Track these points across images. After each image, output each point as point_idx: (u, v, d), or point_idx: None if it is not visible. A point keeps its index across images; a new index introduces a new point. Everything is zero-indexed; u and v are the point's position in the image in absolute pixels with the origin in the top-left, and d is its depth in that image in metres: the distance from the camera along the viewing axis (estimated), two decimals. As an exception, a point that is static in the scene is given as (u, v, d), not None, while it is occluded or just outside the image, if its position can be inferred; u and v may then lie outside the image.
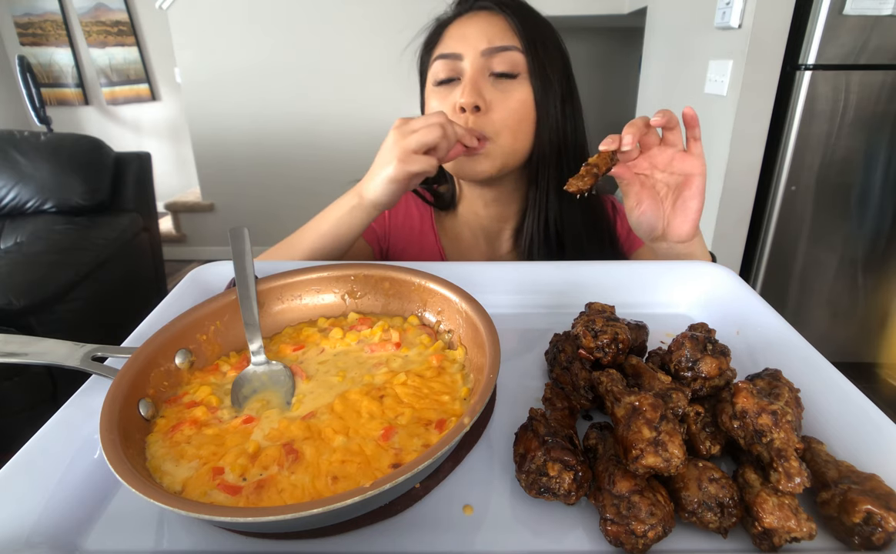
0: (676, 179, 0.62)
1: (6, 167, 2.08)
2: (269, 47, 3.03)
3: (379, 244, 0.83)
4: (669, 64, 2.26)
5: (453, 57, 0.70)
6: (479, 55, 0.69)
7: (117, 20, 3.56)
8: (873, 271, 1.86)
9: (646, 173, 0.63)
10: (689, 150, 0.60)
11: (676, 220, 0.62)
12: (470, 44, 0.69)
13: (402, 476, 0.27)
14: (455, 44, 0.71)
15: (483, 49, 0.69)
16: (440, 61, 0.72)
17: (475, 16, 0.72)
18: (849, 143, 1.68)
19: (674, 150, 0.61)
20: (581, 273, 0.59)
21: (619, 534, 0.30)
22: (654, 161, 0.62)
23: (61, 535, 0.32)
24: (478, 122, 0.69)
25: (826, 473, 0.32)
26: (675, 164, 0.61)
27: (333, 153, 3.21)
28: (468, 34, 0.70)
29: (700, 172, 0.60)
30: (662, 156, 0.61)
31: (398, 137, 0.62)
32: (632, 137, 0.56)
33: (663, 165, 0.62)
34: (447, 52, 0.71)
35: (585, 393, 0.41)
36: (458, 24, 0.73)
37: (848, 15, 1.54)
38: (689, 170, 0.60)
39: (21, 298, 1.61)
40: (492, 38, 0.69)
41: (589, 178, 0.56)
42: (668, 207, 0.62)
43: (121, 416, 0.35)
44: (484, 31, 0.70)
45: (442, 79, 0.72)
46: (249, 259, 0.49)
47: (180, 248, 3.57)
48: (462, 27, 0.72)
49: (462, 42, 0.70)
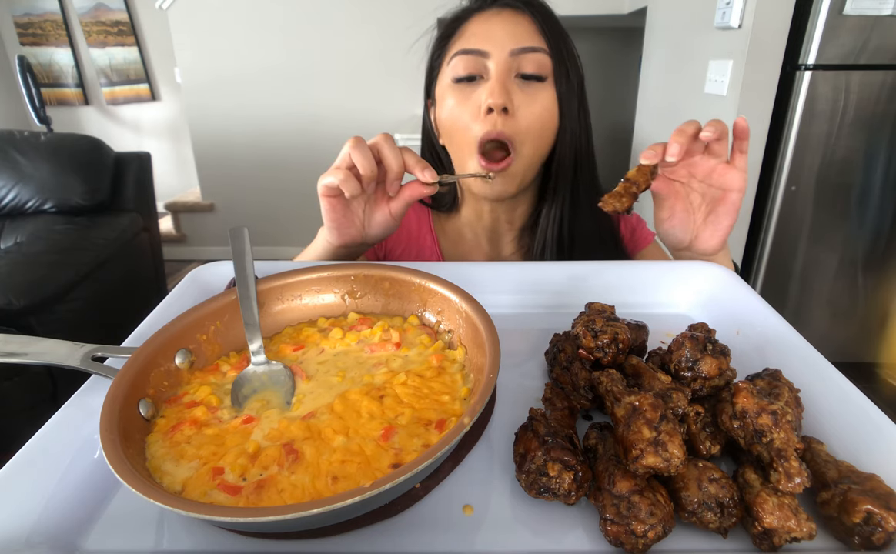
0: (714, 192, 0.59)
1: (6, 167, 2.08)
2: (269, 47, 3.03)
3: (375, 253, 0.82)
4: (669, 64, 2.26)
5: (478, 54, 0.67)
6: (508, 55, 0.66)
7: (117, 20, 3.56)
8: (873, 271, 1.86)
9: (682, 181, 0.60)
10: (733, 162, 0.57)
11: (706, 233, 0.60)
12: (497, 42, 0.66)
13: (402, 476, 0.27)
14: (480, 40, 0.67)
15: (512, 49, 0.66)
16: (462, 57, 0.68)
17: (500, 13, 0.69)
18: (849, 143, 1.68)
19: (717, 162, 0.57)
20: (581, 273, 0.59)
21: (619, 534, 0.30)
22: (693, 170, 0.59)
23: (61, 535, 0.32)
24: (506, 125, 0.66)
25: (826, 473, 0.32)
26: (715, 176, 0.58)
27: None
28: (494, 32, 0.67)
29: (740, 188, 0.57)
30: (704, 165, 0.58)
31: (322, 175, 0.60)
32: (679, 148, 0.52)
33: (703, 175, 0.59)
34: (471, 48, 0.67)
35: (585, 393, 0.41)
36: (480, 19, 0.69)
37: (848, 15, 1.54)
38: (730, 185, 0.57)
39: (21, 298, 1.61)
40: (520, 38, 0.67)
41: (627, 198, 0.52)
42: (700, 219, 0.60)
43: (121, 416, 0.35)
44: (511, 29, 0.67)
45: (463, 76, 0.68)
46: (249, 259, 0.49)
47: (180, 248, 3.58)
48: (486, 23, 0.68)
49: (488, 39, 0.67)
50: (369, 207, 0.63)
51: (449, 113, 0.70)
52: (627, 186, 0.53)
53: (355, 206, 0.62)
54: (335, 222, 0.61)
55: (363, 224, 0.63)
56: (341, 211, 0.61)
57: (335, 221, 0.61)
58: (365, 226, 0.63)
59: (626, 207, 0.53)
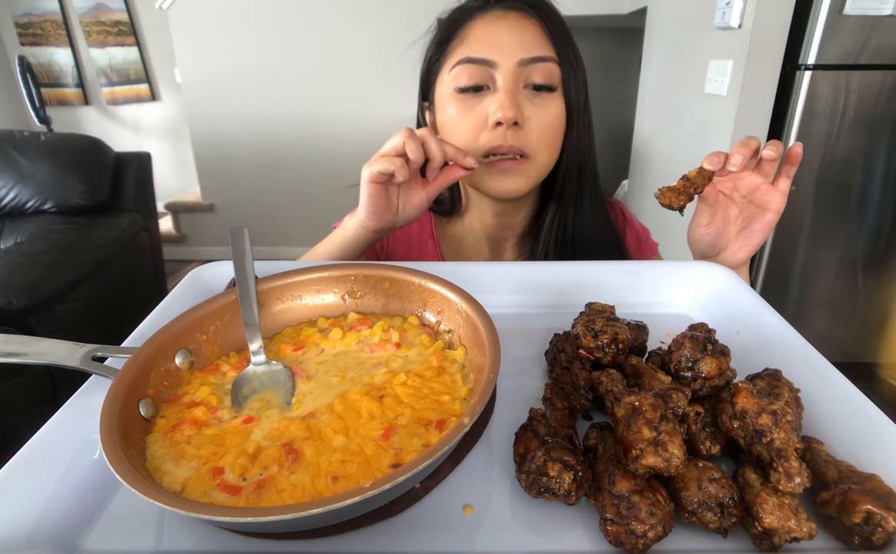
0: (752, 209, 0.60)
1: (6, 167, 2.08)
2: (269, 47, 3.03)
3: (377, 254, 0.81)
4: (669, 64, 2.26)
5: (484, 63, 0.64)
6: (516, 65, 0.63)
7: (117, 20, 3.56)
8: (873, 271, 1.86)
9: (725, 193, 0.61)
10: (777, 184, 0.58)
11: (736, 245, 0.61)
12: (504, 51, 0.63)
13: (402, 476, 0.27)
14: (485, 48, 0.64)
15: (521, 58, 0.63)
16: (467, 66, 0.65)
17: (505, 16, 0.65)
18: (849, 143, 1.68)
19: (763, 181, 0.58)
20: (581, 273, 0.59)
21: (619, 534, 0.30)
22: (739, 183, 0.59)
23: (61, 535, 0.32)
24: (516, 138, 0.65)
25: (826, 473, 0.32)
26: (758, 193, 0.58)
27: (333, 153, 3.21)
28: (501, 39, 0.64)
29: (778, 210, 0.58)
30: (750, 181, 0.58)
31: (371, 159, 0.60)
32: (742, 160, 0.53)
33: (746, 191, 0.59)
34: (477, 57, 0.64)
35: (585, 393, 0.41)
36: (484, 23, 0.66)
37: (848, 15, 1.54)
38: (770, 205, 0.58)
39: (21, 298, 1.61)
40: (528, 46, 0.64)
41: (685, 196, 0.53)
42: (733, 232, 0.61)
43: (121, 416, 0.35)
44: (519, 36, 0.64)
45: (468, 86, 0.65)
46: (249, 259, 0.49)
47: (180, 248, 3.58)
48: (491, 29, 0.65)
49: (494, 47, 0.64)
50: (404, 193, 0.64)
51: (452, 123, 0.68)
52: (686, 186, 0.53)
53: (392, 192, 0.63)
54: (377, 207, 0.62)
55: (398, 209, 0.65)
56: (384, 197, 0.62)
57: (377, 207, 0.62)
58: (399, 210, 0.65)
59: (681, 205, 0.53)
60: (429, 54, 0.73)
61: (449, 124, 0.68)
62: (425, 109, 0.77)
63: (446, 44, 0.69)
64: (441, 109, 0.70)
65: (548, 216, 0.74)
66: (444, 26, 0.71)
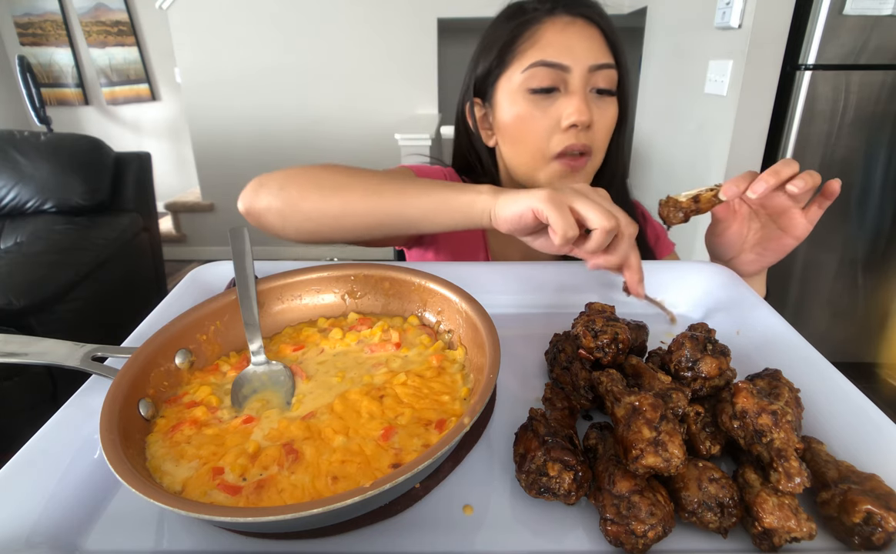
0: (773, 230, 0.60)
1: (6, 167, 2.08)
2: (269, 47, 3.03)
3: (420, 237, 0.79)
4: (669, 64, 2.26)
5: (559, 68, 0.67)
6: (587, 70, 0.67)
7: (117, 20, 3.55)
8: (873, 271, 1.85)
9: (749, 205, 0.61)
10: (808, 213, 0.57)
11: (749, 257, 0.63)
12: (578, 57, 0.67)
13: (402, 476, 0.27)
14: (560, 53, 0.67)
15: (591, 64, 0.67)
16: (542, 69, 0.67)
17: (574, 23, 0.68)
18: (849, 143, 1.68)
19: (792, 205, 0.57)
20: (581, 273, 0.59)
21: (619, 534, 0.30)
22: (767, 201, 0.59)
23: (61, 535, 0.32)
24: (587, 138, 0.68)
25: (826, 473, 0.32)
26: (784, 218, 0.58)
27: (334, 153, 3.21)
28: (574, 45, 0.67)
29: (799, 238, 0.58)
30: (779, 203, 0.57)
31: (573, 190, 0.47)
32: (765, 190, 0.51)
33: (773, 211, 0.59)
34: (553, 61, 0.67)
35: (585, 393, 0.41)
36: (555, 28, 0.68)
37: (848, 15, 1.54)
38: (793, 231, 0.58)
39: (21, 298, 1.61)
40: (597, 53, 0.68)
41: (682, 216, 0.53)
42: (749, 244, 0.63)
43: (121, 416, 0.35)
44: (588, 43, 0.68)
45: (543, 87, 0.68)
46: (249, 259, 0.49)
47: (180, 248, 3.57)
48: (564, 34, 0.68)
49: (569, 53, 0.67)
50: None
51: (522, 122, 0.70)
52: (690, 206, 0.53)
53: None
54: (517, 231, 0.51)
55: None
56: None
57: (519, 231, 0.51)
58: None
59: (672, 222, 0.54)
60: (489, 55, 0.73)
61: (519, 123, 0.70)
62: (476, 105, 0.77)
63: (512, 45, 0.71)
64: (507, 107, 0.71)
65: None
66: (507, 28, 0.72)
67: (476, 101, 0.77)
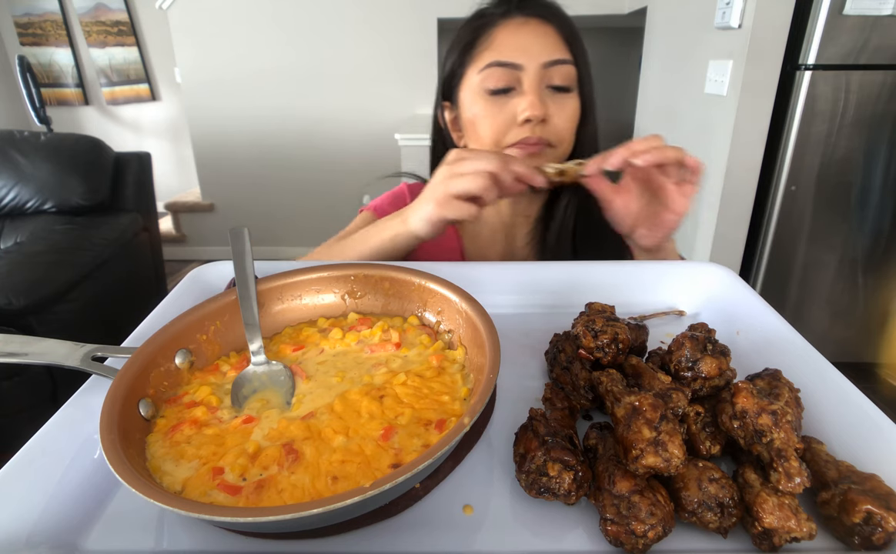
0: (657, 206, 0.62)
1: (6, 167, 2.08)
2: (269, 47, 3.03)
3: None
4: (669, 64, 2.26)
5: (512, 66, 0.69)
6: (540, 67, 0.69)
7: (117, 20, 3.56)
8: (873, 271, 1.85)
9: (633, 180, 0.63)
10: (682, 188, 0.60)
11: (642, 231, 0.65)
12: (530, 55, 0.69)
13: (402, 476, 0.27)
14: (513, 53, 0.69)
15: (544, 61, 0.69)
16: (496, 69, 0.70)
17: (527, 23, 0.71)
18: (849, 143, 1.68)
19: (666, 181, 0.60)
20: (581, 273, 0.59)
21: (619, 534, 0.30)
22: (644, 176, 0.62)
23: (61, 535, 0.32)
24: (544, 131, 0.70)
25: (826, 473, 0.32)
26: (663, 193, 0.61)
27: (334, 153, 3.21)
28: (527, 44, 0.69)
29: (679, 213, 0.61)
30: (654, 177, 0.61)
31: (445, 177, 0.60)
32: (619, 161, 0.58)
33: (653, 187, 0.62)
34: (506, 61, 0.69)
35: (585, 393, 0.41)
36: (509, 29, 0.71)
37: (848, 15, 1.54)
38: (672, 206, 0.61)
39: (21, 298, 1.61)
40: (550, 50, 0.69)
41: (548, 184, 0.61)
42: (640, 219, 0.64)
43: (121, 416, 0.35)
44: (542, 42, 0.70)
45: (497, 88, 0.70)
46: (249, 259, 0.49)
47: (180, 248, 3.57)
48: (517, 35, 0.70)
49: (521, 52, 0.69)
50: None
51: (480, 120, 0.72)
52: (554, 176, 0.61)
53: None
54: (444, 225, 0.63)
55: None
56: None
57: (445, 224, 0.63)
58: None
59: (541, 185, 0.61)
60: (452, 58, 0.77)
61: (478, 122, 0.73)
62: (445, 108, 0.80)
63: (471, 48, 0.74)
64: (468, 108, 0.74)
65: (562, 202, 0.79)
66: (467, 31, 0.75)
67: (445, 104, 0.80)
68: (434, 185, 0.62)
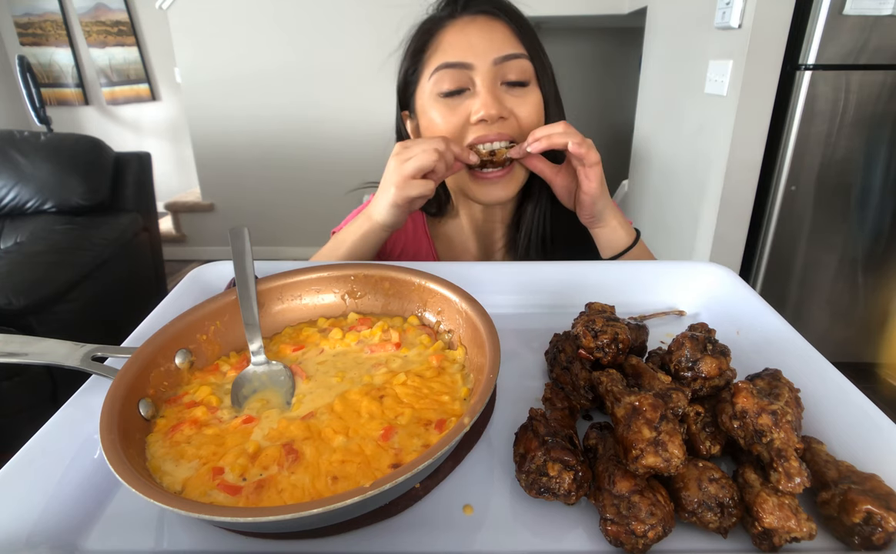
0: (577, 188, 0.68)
1: (6, 167, 2.08)
2: (269, 47, 3.03)
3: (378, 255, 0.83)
4: (669, 64, 2.26)
5: (462, 66, 0.67)
6: (492, 64, 0.67)
7: (117, 20, 3.55)
8: (873, 271, 1.85)
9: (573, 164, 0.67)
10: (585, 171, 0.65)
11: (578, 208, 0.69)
12: (479, 53, 0.67)
13: (402, 476, 0.27)
14: (461, 52, 0.67)
15: (495, 57, 0.67)
16: (446, 71, 0.68)
17: (474, 21, 0.69)
18: (849, 143, 1.68)
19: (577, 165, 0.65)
20: (581, 273, 0.59)
21: (619, 534, 0.30)
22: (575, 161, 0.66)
23: (61, 535, 0.32)
24: (503, 129, 0.68)
25: (826, 473, 0.32)
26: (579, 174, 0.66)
27: (334, 153, 3.21)
28: (474, 42, 0.67)
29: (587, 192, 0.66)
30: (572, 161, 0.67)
31: (397, 164, 0.63)
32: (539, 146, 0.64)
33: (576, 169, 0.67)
34: (454, 61, 0.67)
35: (585, 393, 0.41)
36: (455, 29, 0.69)
37: (848, 15, 1.54)
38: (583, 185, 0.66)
39: (21, 298, 1.61)
40: (500, 45, 0.67)
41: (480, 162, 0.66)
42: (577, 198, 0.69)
43: (121, 416, 0.35)
44: (490, 38, 0.68)
45: (449, 90, 0.68)
46: (249, 259, 0.49)
47: (180, 248, 3.57)
48: (463, 33, 0.68)
49: (469, 51, 0.67)
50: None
51: (436, 126, 0.70)
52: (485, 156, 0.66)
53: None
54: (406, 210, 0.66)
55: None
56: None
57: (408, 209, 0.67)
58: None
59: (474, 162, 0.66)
60: (404, 66, 0.76)
61: (433, 127, 0.70)
62: (405, 118, 0.79)
63: (421, 53, 0.72)
64: (424, 115, 0.72)
65: (528, 208, 0.79)
66: (416, 37, 0.74)
67: (404, 114, 0.79)
68: (388, 173, 0.64)
